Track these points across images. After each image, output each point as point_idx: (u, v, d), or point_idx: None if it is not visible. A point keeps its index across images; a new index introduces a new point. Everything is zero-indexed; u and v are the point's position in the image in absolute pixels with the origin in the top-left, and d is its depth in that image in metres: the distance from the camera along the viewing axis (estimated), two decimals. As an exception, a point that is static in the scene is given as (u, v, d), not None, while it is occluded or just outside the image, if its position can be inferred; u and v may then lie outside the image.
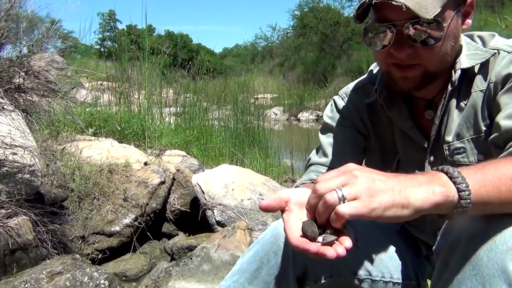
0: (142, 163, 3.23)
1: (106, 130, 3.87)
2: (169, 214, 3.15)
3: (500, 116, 0.91)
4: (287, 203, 0.77)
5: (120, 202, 2.83)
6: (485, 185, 0.69)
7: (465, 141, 1.01)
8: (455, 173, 0.68)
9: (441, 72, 0.99)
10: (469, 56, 1.01)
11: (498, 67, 0.97)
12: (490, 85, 0.98)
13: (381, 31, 0.94)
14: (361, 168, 0.70)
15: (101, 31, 32.17)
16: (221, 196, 2.96)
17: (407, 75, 0.96)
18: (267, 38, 30.03)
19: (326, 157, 1.18)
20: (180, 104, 5.49)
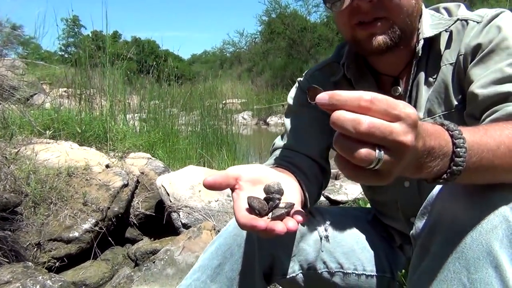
0: (103, 166, 3.07)
1: (66, 132, 3.68)
2: (133, 218, 3.01)
3: (474, 86, 0.86)
4: (237, 181, 0.69)
5: (79, 206, 2.67)
6: (482, 142, 0.63)
7: (437, 117, 0.96)
8: (451, 125, 0.61)
9: (407, 31, 0.94)
10: (432, 26, 0.97)
11: (467, 38, 0.93)
12: (459, 57, 0.94)
13: None
14: (420, 137, 0.54)
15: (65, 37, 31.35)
16: (187, 198, 2.84)
17: (373, 31, 0.91)
18: (235, 44, 29.97)
19: (291, 140, 1.10)
20: (146, 110, 5.34)
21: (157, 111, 5.18)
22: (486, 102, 0.82)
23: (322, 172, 1.08)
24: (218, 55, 38.44)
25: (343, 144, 0.50)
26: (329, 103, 0.50)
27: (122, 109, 4.76)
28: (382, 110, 0.49)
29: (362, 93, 0.49)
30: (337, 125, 0.49)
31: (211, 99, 7.16)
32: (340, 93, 0.49)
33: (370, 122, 0.48)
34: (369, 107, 0.49)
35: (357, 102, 0.49)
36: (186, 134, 5.04)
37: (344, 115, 0.49)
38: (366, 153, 0.49)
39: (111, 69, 5.20)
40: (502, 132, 0.64)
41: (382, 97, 0.50)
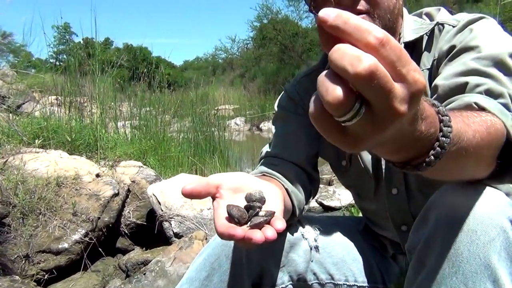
0: (93, 175, 3.03)
1: (55, 141, 3.64)
2: (123, 228, 2.97)
3: (437, 79, 0.85)
4: (217, 189, 0.66)
5: (68, 217, 2.63)
6: (462, 130, 0.57)
7: None
8: (442, 109, 0.55)
9: (389, 29, 0.92)
10: (414, 30, 0.97)
11: (441, 42, 0.93)
12: (434, 62, 0.93)
13: None
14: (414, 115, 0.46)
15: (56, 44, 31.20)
16: (179, 207, 2.81)
17: None
18: (227, 50, 29.99)
19: (278, 148, 1.08)
20: (138, 117, 5.31)
21: (148, 118, 5.15)
22: (445, 92, 0.80)
23: (310, 180, 1.06)
24: (210, 61, 38.48)
25: (325, 79, 0.40)
26: (332, 23, 0.40)
27: (113, 116, 4.72)
28: (390, 59, 0.39)
29: (375, 27, 0.40)
30: (334, 57, 0.39)
31: (203, 105, 7.14)
32: (350, 16, 0.40)
33: (374, 65, 0.38)
34: (377, 48, 0.39)
35: (366, 35, 0.39)
36: (178, 141, 5.01)
37: (347, 48, 0.39)
38: (345, 97, 0.39)
39: (101, 76, 5.17)
40: (474, 120, 0.61)
41: (396, 44, 0.40)
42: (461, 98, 0.74)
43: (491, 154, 0.65)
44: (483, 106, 0.68)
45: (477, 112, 0.65)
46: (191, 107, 5.92)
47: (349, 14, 0.40)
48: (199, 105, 6.54)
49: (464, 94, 0.76)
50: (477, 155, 0.60)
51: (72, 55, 6.46)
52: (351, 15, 0.40)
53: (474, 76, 0.79)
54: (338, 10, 0.40)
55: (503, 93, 0.75)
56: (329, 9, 0.41)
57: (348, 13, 0.40)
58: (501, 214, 0.66)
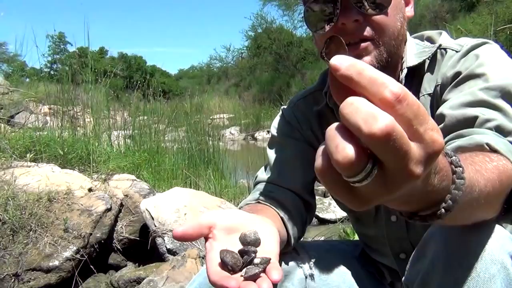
0: (86, 190, 2.99)
1: (47, 155, 3.59)
2: (116, 244, 2.92)
3: (443, 107, 0.83)
4: (211, 229, 0.62)
5: (60, 233, 2.58)
6: (474, 180, 0.55)
7: None
8: (456, 159, 0.52)
9: (393, 55, 0.91)
10: (416, 55, 0.94)
11: (444, 67, 0.91)
12: (437, 88, 0.91)
13: (323, 8, 0.86)
14: (429, 172, 0.43)
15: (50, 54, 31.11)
16: (173, 222, 2.77)
17: (360, 52, 0.87)
18: (221, 59, 30.07)
19: (274, 174, 1.05)
20: (133, 126, 5.28)
21: (143, 128, 5.12)
22: (452, 124, 0.78)
23: (306, 207, 1.03)
24: (205, 70, 38.56)
25: (335, 133, 0.37)
26: (345, 73, 0.37)
27: (107, 128, 4.68)
28: (406, 117, 0.36)
29: (392, 81, 0.37)
30: (346, 111, 0.36)
31: (198, 114, 7.12)
32: (365, 67, 0.37)
33: (391, 125, 0.34)
34: (393, 104, 0.36)
35: (382, 90, 0.36)
36: (172, 152, 4.97)
37: (362, 103, 0.35)
38: (357, 157, 0.36)
39: (95, 86, 5.14)
40: (486, 167, 0.59)
41: (413, 100, 0.37)
42: (471, 137, 0.71)
43: (501, 201, 0.63)
44: (495, 148, 0.66)
45: (488, 155, 0.63)
46: (185, 117, 5.90)
47: (364, 64, 0.37)
48: (193, 115, 6.52)
49: (473, 129, 0.74)
50: (487, 204, 0.59)
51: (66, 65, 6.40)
52: (366, 65, 0.37)
53: (483, 108, 0.77)
54: (352, 59, 0.38)
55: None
56: (342, 56, 0.38)
57: (363, 64, 0.37)
58: (501, 249, 0.63)
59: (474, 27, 6.93)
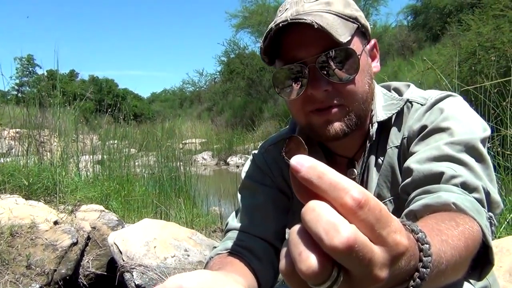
0: (51, 223, 2.88)
1: (11, 185, 3.47)
2: (82, 279, 2.82)
3: (410, 161, 0.84)
4: None
5: (22, 270, 2.47)
6: (441, 253, 0.55)
7: (387, 202, 0.93)
8: (422, 235, 0.51)
9: (362, 116, 0.92)
10: (385, 107, 0.96)
11: (410, 120, 0.92)
12: (403, 140, 0.93)
13: (292, 75, 0.87)
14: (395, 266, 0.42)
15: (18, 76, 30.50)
16: (141, 256, 2.69)
17: (330, 118, 0.88)
18: (194, 83, 30.15)
19: (245, 222, 1.03)
20: (103, 151, 5.16)
21: (113, 153, 5.01)
22: (419, 179, 0.79)
23: (278, 255, 1.02)
24: (178, 93, 38.48)
25: (298, 240, 0.36)
26: (305, 176, 0.36)
27: (75, 153, 4.56)
28: (369, 222, 0.36)
29: (353, 186, 0.36)
30: (307, 218, 0.35)
31: (170, 139, 7.05)
32: (325, 171, 0.36)
33: (353, 237, 0.34)
34: (354, 211, 0.35)
35: (342, 195, 0.36)
36: (142, 180, 4.88)
37: (323, 211, 0.35)
38: (321, 267, 0.35)
39: (64, 109, 5.03)
40: (452, 233, 0.59)
41: (375, 205, 0.36)
42: (438, 195, 0.72)
43: (468, 264, 0.64)
44: (461, 208, 0.68)
45: (455, 218, 0.64)
46: (155, 143, 5.82)
47: (324, 168, 0.37)
48: (165, 140, 6.45)
49: (440, 186, 0.75)
50: (454, 271, 0.59)
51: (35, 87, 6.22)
52: (326, 169, 0.37)
53: (448, 163, 0.78)
54: (313, 161, 0.37)
55: (478, 188, 0.75)
56: (302, 157, 0.37)
57: (323, 167, 0.37)
58: None
59: (439, 57, 7.19)
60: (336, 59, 0.83)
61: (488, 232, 0.68)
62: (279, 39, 0.87)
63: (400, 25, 19.79)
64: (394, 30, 19.21)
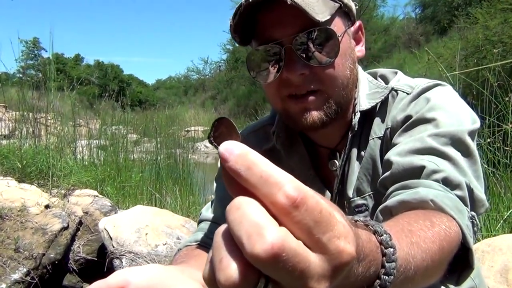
0: (42, 206, 2.85)
1: (5, 167, 3.44)
2: (72, 264, 2.79)
3: (391, 153, 0.77)
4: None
5: (10, 253, 2.44)
6: (409, 257, 0.49)
7: (367, 197, 0.87)
8: (386, 238, 0.45)
9: (343, 104, 0.85)
10: (369, 95, 0.89)
11: (394, 110, 0.86)
12: (386, 131, 0.86)
13: (267, 57, 0.80)
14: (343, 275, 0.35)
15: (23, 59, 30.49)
16: (132, 243, 2.66)
17: (307, 105, 0.81)
18: (199, 71, 30.03)
19: (218, 212, 0.98)
20: (101, 135, 5.13)
21: (114, 138, 4.96)
22: (399, 172, 0.73)
23: None
24: (182, 81, 38.38)
25: (221, 243, 0.31)
26: (233, 166, 0.31)
27: (73, 137, 4.53)
28: (305, 225, 0.30)
29: (288, 181, 0.30)
30: (230, 218, 0.30)
31: (173, 126, 7.00)
32: (257, 161, 0.31)
33: (278, 245, 0.28)
34: (287, 211, 0.29)
35: (274, 191, 0.30)
36: (140, 167, 4.84)
37: (248, 210, 0.29)
38: (241, 278, 0.29)
39: (69, 93, 4.98)
40: (425, 235, 0.54)
41: (314, 204, 0.30)
42: (416, 190, 0.67)
43: (443, 268, 0.58)
44: (440, 206, 0.62)
45: (430, 218, 0.59)
46: (155, 130, 5.77)
47: (256, 157, 0.31)
48: (167, 127, 6.40)
49: (420, 181, 0.69)
50: (426, 278, 0.53)
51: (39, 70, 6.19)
52: (259, 159, 0.31)
53: (431, 156, 0.72)
54: (244, 149, 0.31)
55: (461, 184, 0.69)
56: (232, 144, 0.31)
57: (255, 156, 0.31)
58: None
59: (445, 51, 7.07)
60: (314, 40, 0.77)
61: (468, 233, 0.62)
62: (255, 16, 0.80)
63: (407, 17, 19.55)
64: (401, 23, 18.98)
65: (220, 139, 0.36)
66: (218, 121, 0.41)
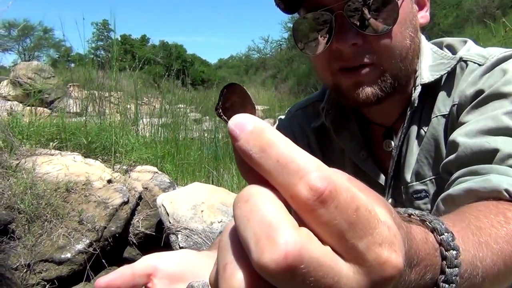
0: (105, 181, 2.96)
1: (72, 143, 3.61)
2: (132, 238, 2.89)
3: (457, 133, 0.66)
4: (150, 278, 0.50)
5: (74, 225, 2.57)
6: (476, 260, 0.41)
7: (428, 182, 0.76)
8: (448, 238, 0.36)
9: (401, 78, 0.74)
10: (432, 67, 0.77)
11: (463, 84, 0.73)
12: (453, 108, 0.74)
13: (316, 26, 0.71)
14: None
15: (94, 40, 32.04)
16: (188, 219, 2.70)
17: (360, 79, 0.71)
18: (260, 50, 29.96)
19: None
20: (162, 113, 5.27)
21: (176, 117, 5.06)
22: (466, 156, 0.62)
23: None
24: (244, 60, 38.55)
25: (227, 244, 0.25)
26: (243, 145, 0.24)
27: (136, 116, 4.67)
28: (337, 226, 0.22)
29: (314, 167, 0.23)
30: (237, 214, 0.23)
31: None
32: (275, 141, 0.23)
33: (295, 254, 0.21)
34: (312, 208, 0.22)
35: (295, 181, 0.22)
36: (199, 144, 4.92)
37: (259, 204, 0.23)
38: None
39: (136, 72, 5.14)
40: (498, 233, 0.45)
41: (351, 197, 0.22)
42: (487, 178, 0.57)
43: None
44: None
45: (504, 212, 0.49)
46: (212, 110, 5.83)
47: (274, 135, 0.24)
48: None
49: (492, 166, 0.59)
50: (496, 285, 0.45)
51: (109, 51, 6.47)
52: (277, 138, 0.24)
53: (506, 138, 0.61)
54: (259, 124, 0.24)
55: None
56: (245, 117, 0.25)
57: (273, 134, 0.24)
58: None
59: (525, 23, 6.46)
60: (369, 5, 0.67)
61: None
62: None
63: (483, -11, 18.12)
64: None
65: (231, 111, 0.29)
66: (228, 88, 0.32)
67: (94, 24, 34.80)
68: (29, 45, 26.54)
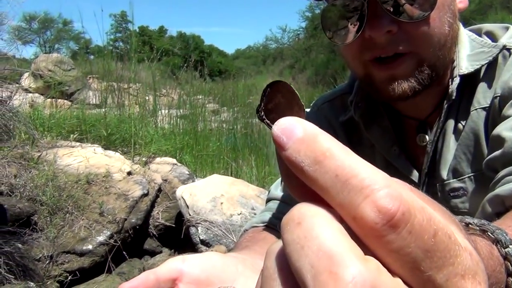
0: (125, 173, 2.97)
1: (92, 135, 3.63)
2: (152, 229, 2.90)
3: (502, 127, 0.62)
4: (176, 282, 0.47)
5: (95, 217, 2.58)
6: None
7: (466, 179, 0.72)
8: (505, 236, 0.33)
9: (439, 68, 0.69)
10: (471, 57, 0.71)
11: (507, 73, 0.68)
12: (495, 100, 0.68)
13: (346, 13, 0.67)
14: None
15: (113, 32, 32.27)
16: (208, 211, 2.69)
17: (395, 73, 0.66)
18: (277, 39, 29.75)
19: (287, 192, 0.87)
20: (180, 105, 5.27)
21: (195, 108, 5.06)
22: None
23: None
24: (261, 50, 38.35)
25: (274, 272, 0.21)
26: (294, 156, 0.20)
27: (155, 107, 4.68)
28: (410, 255, 0.18)
29: (383, 183, 0.19)
30: (287, 239, 0.19)
31: (250, 96, 7.02)
32: (333, 150, 0.20)
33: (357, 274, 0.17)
34: (381, 233, 0.18)
35: (359, 200, 0.19)
36: (218, 135, 4.90)
37: (317, 230, 0.19)
38: None
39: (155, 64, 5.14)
40: None
41: (425, 221, 0.19)
42: None
43: None
44: None
45: None
46: (232, 99, 5.80)
47: (330, 144, 0.20)
48: (245, 97, 6.41)
49: None
50: None
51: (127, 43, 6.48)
52: (334, 147, 0.20)
53: None
54: (311, 130, 0.21)
55: None
56: (293, 120, 0.21)
57: (329, 142, 0.20)
58: None
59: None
60: None
61: None
62: None
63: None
64: (500, -20, 17.13)
65: (275, 113, 0.24)
66: (271, 87, 0.26)
67: (112, 16, 35.03)
68: (50, 38, 26.92)
